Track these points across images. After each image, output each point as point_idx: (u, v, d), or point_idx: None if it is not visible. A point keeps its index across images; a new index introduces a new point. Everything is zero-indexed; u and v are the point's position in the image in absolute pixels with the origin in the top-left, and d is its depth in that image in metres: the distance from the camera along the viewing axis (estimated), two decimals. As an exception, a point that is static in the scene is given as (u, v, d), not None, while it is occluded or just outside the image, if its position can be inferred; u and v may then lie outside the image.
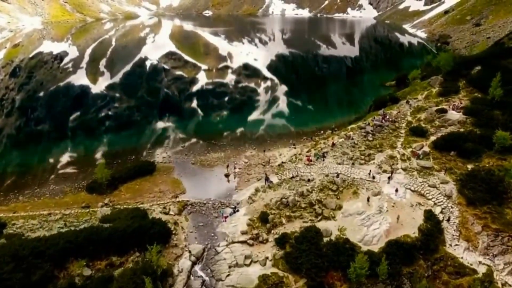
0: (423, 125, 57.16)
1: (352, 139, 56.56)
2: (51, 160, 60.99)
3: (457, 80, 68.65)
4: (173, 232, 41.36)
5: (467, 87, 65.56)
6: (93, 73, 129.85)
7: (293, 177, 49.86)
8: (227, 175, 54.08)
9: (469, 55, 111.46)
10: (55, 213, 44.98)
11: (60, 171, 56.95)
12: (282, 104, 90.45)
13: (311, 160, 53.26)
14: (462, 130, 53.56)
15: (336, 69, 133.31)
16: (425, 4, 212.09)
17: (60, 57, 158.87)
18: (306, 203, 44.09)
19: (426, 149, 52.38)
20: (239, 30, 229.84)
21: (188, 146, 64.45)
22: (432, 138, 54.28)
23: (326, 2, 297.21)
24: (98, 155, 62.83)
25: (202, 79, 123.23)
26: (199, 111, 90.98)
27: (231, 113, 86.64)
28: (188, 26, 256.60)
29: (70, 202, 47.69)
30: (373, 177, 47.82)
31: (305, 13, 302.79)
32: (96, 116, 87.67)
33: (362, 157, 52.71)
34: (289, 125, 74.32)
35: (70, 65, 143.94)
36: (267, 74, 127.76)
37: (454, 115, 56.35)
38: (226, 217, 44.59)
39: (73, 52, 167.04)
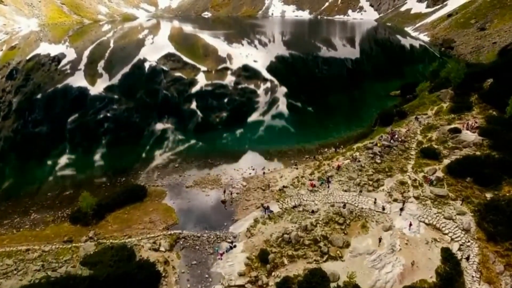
0: (435, 146, 52.55)
1: (359, 161, 52.01)
2: (35, 183, 56.17)
3: (468, 95, 64.03)
4: (163, 274, 36.89)
5: (480, 103, 60.95)
6: (91, 75, 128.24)
7: (295, 206, 45.35)
8: (223, 202, 49.53)
9: (476, 62, 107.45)
10: (34, 249, 40.50)
11: (44, 196, 52.18)
12: (282, 114, 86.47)
13: (314, 186, 48.80)
14: (478, 153, 48.97)
15: (337, 74, 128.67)
16: (427, 7, 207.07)
17: (58, 59, 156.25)
18: (310, 240, 39.57)
19: (440, 174, 47.84)
20: (239, 33, 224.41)
21: (183, 165, 59.61)
22: (446, 161, 49.70)
23: (327, 4, 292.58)
24: (86, 175, 57.85)
25: (202, 81, 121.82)
26: (198, 112, 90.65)
27: (229, 122, 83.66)
28: (187, 28, 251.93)
29: (52, 235, 43.12)
30: (383, 208, 43.28)
31: (305, 14, 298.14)
32: (92, 120, 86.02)
33: (370, 182, 48.16)
34: (290, 141, 69.12)
35: (68, 67, 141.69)
36: (267, 75, 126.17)
37: (469, 136, 51.77)
38: (222, 254, 40.17)
39: (70, 54, 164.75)
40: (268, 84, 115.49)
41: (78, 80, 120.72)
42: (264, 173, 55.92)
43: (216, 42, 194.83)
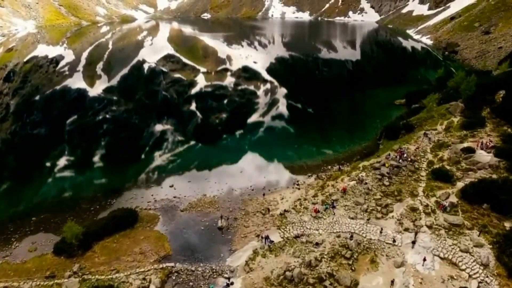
0: (447, 167, 48.71)
1: (366, 183, 48.17)
2: (19, 205, 52.25)
3: (480, 108, 60.22)
4: (152, 319, 33.15)
5: (493, 118, 57.09)
6: (90, 76, 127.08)
7: (298, 236, 41.53)
8: (220, 228, 45.67)
9: (483, 69, 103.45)
10: (13, 286, 36.87)
11: (28, 220, 48.24)
12: (283, 123, 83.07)
13: (318, 211, 44.98)
14: (495, 176, 45.13)
15: (338, 79, 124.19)
16: (430, 9, 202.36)
17: (56, 60, 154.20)
18: (314, 278, 35.76)
19: (453, 199, 44.05)
20: (239, 35, 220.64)
21: (178, 184, 55.64)
22: (459, 184, 45.90)
23: (327, 5, 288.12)
24: (75, 196, 53.86)
25: (201, 82, 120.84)
26: (197, 115, 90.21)
27: (228, 128, 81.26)
28: (187, 29, 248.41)
29: (33, 269, 39.35)
30: (394, 240, 39.49)
31: (305, 16, 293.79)
32: (89, 123, 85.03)
33: (379, 208, 44.34)
34: (291, 156, 65.23)
35: (66, 68, 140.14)
36: (267, 77, 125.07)
37: (484, 156, 47.92)
38: (218, 292, 36.46)
39: (69, 56, 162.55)
40: (268, 85, 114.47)
41: (76, 82, 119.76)
42: (264, 194, 52.03)
43: (215, 43, 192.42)
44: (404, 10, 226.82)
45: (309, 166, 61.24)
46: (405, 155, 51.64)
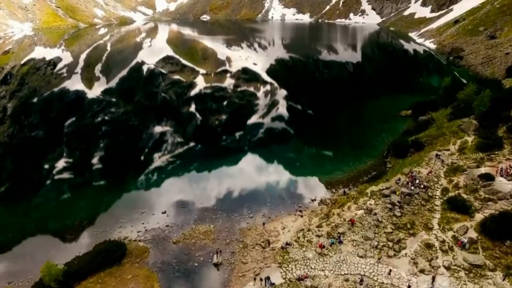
0: (464, 196, 44.26)
1: (375, 213, 43.73)
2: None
3: (496, 126, 55.75)
4: None
5: (510, 138, 52.62)
6: (89, 78, 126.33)
7: (301, 278, 37.10)
8: (216, 265, 41.24)
9: (491, 77, 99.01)
10: None
11: (7, 253, 43.94)
12: (283, 137, 78.52)
13: (324, 246, 40.58)
14: (518, 208, 40.76)
15: (339, 86, 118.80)
16: (432, 11, 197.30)
17: (54, 63, 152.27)
18: (321, 333, 31.42)
19: (472, 234, 39.65)
20: (239, 38, 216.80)
21: (171, 212, 50.99)
22: (478, 216, 41.48)
23: (328, 7, 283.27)
24: (58, 226, 48.88)
25: (201, 83, 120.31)
26: (195, 119, 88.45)
27: (225, 143, 77.24)
28: (185, 31, 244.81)
29: (6, 316, 35.01)
30: (409, 286, 35.09)
31: (305, 18, 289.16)
32: (84, 127, 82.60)
33: (390, 244, 39.95)
34: (292, 177, 60.51)
35: (64, 70, 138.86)
36: (267, 78, 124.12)
37: (505, 184, 43.45)
38: None
39: (66, 58, 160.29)
40: (268, 87, 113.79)
41: (74, 84, 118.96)
42: (264, 223, 47.56)
43: (215, 45, 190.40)
44: (406, 13, 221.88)
45: (311, 187, 56.80)
46: (417, 180, 47.12)
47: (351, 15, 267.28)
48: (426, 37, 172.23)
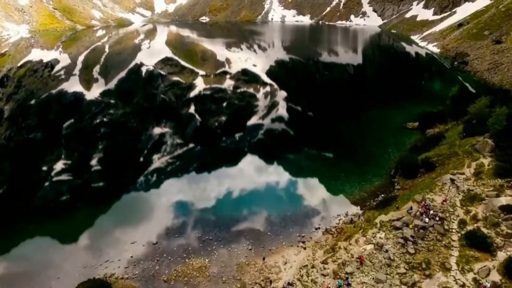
0: (484, 230, 39.99)
1: (386, 250, 39.62)
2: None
3: (513, 147, 51.39)
4: None
5: (532, 162, 48.30)
6: (87, 80, 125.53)
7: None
8: (211, 310, 37.07)
9: (499, 84, 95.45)
10: None
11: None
12: (281, 154, 72.99)
13: (330, 291, 36.35)
14: (547, 249, 36.53)
15: (341, 95, 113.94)
16: (434, 14, 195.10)
17: (51, 65, 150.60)
18: None
19: (496, 276, 35.55)
20: (240, 41, 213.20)
21: (162, 243, 46.62)
22: (501, 255, 37.39)
23: (328, 9, 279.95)
24: (39, 266, 43.86)
25: (200, 85, 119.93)
26: (196, 117, 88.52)
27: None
28: (185, 33, 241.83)
29: None
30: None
31: (306, 20, 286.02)
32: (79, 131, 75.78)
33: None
34: (293, 201, 55.98)
35: (62, 72, 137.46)
36: (267, 79, 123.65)
37: (529, 219, 39.18)
38: None
39: (64, 60, 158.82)
40: (268, 88, 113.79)
41: (73, 85, 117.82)
42: (264, 258, 43.24)
43: (214, 46, 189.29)
44: (408, 15, 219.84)
45: (314, 211, 53.21)
46: (431, 211, 42.79)
47: (352, 17, 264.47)
48: (429, 40, 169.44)
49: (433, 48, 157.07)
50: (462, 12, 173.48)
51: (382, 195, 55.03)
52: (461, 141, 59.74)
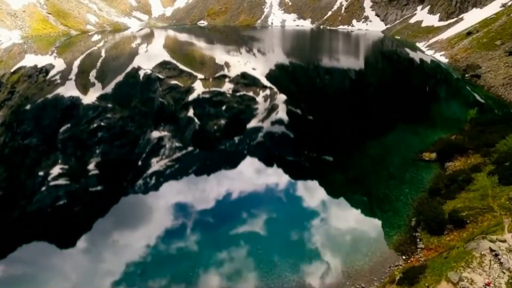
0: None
1: None
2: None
3: None
4: None
5: None
6: (83, 85, 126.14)
7: None
8: None
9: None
10: None
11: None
12: (280, 195, 66.14)
13: None
14: None
15: (344, 116, 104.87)
16: (440, 20, 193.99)
17: (46, 70, 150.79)
18: None
19: None
20: (238, 46, 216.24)
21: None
22: None
23: (330, 13, 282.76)
24: None
25: (199, 88, 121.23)
26: (195, 121, 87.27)
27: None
28: (183, 39, 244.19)
29: None
30: None
31: (306, 24, 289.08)
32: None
33: None
34: (297, 265, 42.67)
35: (57, 77, 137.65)
36: (266, 83, 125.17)
37: None
38: None
39: (59, 65, 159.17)
40: (268, 91, 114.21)
41: (69, 90, 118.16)
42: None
43: (213, 50, 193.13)
44: (412, 20, 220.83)
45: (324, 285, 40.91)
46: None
47: (354, 21, 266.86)
48: (436, 49, 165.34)
49: (441, 58, 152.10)
50: (470, 18, 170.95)
51: (404, 257, 43.25)
52: (495, 189, 48.81)
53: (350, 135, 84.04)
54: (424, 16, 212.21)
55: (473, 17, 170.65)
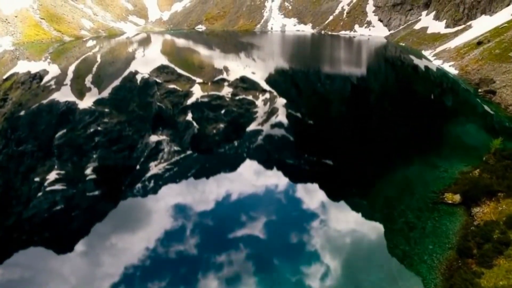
0: None
1: None
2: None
3: None
4: None
5: None
6: (79, 90, 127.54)
7: None
8: None
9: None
10: None
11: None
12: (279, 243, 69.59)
13: None
14: None
15: (347, 146, 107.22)
16: (447, 26, 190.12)
17: (40, 76, 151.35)
18: None
19: None
20: (237, 53, 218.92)
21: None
22: None
23: (331, 17, 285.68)
24: None
25: (197, 92, 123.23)
26: (194, 125, 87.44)
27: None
28: (180, 44, 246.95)
29: None
30: None
31: (307, 29, 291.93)
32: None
33: None
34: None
35: (52, 83, 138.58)
36: (266, 87, 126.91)
37: None
38: None
39: (54, 71, 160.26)
40: (267, 95, 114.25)
41: (64, 95, 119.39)
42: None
43: (211, 54, 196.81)
44: (417, 26, 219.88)
45: None
46: None
47: (356, 26, 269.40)
48: (444, 58, 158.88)
49: (450, 69, 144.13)
50: (479, 26, 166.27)
51: None
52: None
53: (355, 168, 67.43)
54: (429, 22, 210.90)
55: (482, 24, 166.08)
